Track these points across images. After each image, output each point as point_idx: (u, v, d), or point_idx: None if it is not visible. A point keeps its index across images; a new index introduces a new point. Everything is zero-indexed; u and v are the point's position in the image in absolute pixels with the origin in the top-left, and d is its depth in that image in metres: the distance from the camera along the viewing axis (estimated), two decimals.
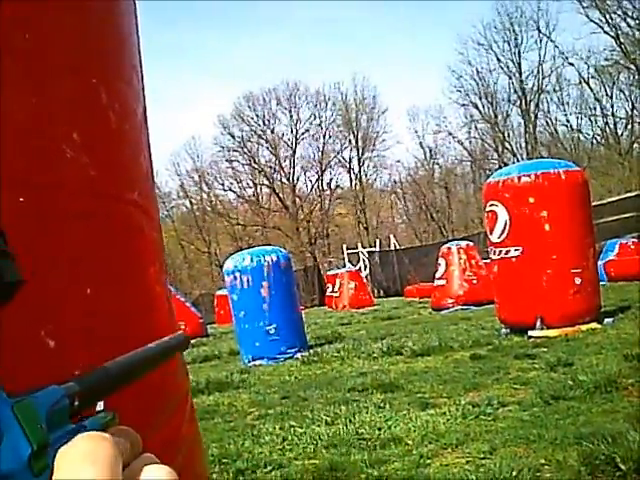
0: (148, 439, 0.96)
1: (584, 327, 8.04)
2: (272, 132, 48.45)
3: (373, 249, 36.31)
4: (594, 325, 8.14)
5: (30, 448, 0.34)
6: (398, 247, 34.77)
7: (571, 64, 39.93)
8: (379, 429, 4.71)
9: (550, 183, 8.19)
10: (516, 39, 42.51)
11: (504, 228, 8.42)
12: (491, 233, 8.70)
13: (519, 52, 42.68)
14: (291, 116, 48.34)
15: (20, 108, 0.76)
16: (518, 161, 34.45)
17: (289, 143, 48.70)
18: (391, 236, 36.55)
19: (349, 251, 35.69)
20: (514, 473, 3.37)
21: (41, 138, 0.79)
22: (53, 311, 0.79)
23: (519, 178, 8.30)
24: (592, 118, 40.88)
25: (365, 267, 33.79)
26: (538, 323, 8.13)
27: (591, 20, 37.04)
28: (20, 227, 0.71)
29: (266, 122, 48.34)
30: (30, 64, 0.78)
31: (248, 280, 10.09)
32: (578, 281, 8.19)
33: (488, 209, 8.72)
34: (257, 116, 48.19)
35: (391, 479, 3.66)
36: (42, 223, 0.79)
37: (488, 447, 3.96)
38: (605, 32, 37.04)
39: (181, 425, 1.07)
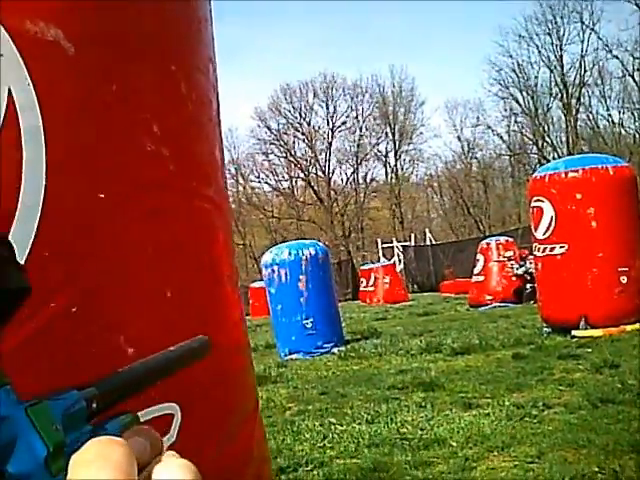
0: (217, 454, 0.89)
1: (629, 327, 7.82)
2: (308, 124, 48.36)
3: (408, 243, 36.05)
4: (639, 325, 7.91)
5: (46, 449, 0.34)
6: (434, 242, 34.46)
7: (616, 57, 38.86)
8: (421, 429, 4.62)
9: (598, 179, 7.95)
10: (558, 31, 41.61)
11: (549, 224, 8.22)
12: (536, 229, 8.50)
13: (561, 45, 41.77)
14: (328, 108, 48.16)
15: (100, 97, 0.70)
16: (559, 156, 33.74)
17: (325, 136, 48.58)
18: (426, 230, 36.23)
19: (384, 245, 35.48)
20: None
21: (122, 129, 0.72)
22: (133, 316, 0.73)
23: (566, 173, 8.09)
24: (635, 112, 39.83)
25: (400, 262, 33.53)
26: (582, 322, 7.93)
27: None
28: (100, 225, 0.66)
29: (303, 114, 48.27)
30: (109, 49, 0.72)
31: (286, 273, 10.04)
32: (624, 280, 7.96)
33: (533, 204, 8.52)
34: (294, 108, 48.14)
35: None
36: (123, 220, 0.73)
37: (535, 451, 3.85)
38: None
39: (252, 436, 1.00)
